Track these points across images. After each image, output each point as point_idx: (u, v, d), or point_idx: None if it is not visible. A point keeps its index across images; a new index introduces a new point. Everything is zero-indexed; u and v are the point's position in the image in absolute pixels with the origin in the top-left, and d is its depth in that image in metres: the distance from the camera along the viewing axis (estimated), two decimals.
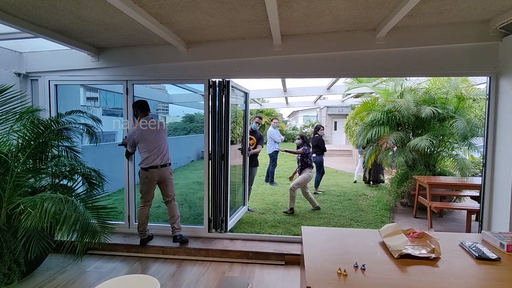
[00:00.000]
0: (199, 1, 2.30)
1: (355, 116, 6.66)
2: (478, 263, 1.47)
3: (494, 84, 3.00)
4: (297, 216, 4.74)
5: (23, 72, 3.66)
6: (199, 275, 2.92)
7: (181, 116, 18.77)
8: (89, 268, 3.05)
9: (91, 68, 3.58)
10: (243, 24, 2.82)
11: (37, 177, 2.89)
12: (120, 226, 3.69)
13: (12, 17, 2.57)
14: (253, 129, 5.03)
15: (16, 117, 2.81)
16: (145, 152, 3.25)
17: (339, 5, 2.43)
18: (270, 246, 3.37)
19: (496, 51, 2.95)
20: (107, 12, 2.49)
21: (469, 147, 4.82)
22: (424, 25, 2.94)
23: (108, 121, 12.00)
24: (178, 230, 3.39)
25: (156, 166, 3.26)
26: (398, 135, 5.19)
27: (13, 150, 2.71)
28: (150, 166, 3.24)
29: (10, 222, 2.54)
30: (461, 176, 4.63)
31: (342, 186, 7.23)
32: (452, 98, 5.14)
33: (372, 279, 1.31)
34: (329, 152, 6.50)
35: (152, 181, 3.30)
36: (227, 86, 3.44)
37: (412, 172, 5.14)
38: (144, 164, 3.25)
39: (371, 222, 4.55)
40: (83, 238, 2.54)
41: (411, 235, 1.71)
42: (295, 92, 7.43)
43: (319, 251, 1.58)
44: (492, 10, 2.61)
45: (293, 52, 3.21)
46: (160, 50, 3.42)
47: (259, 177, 7.48)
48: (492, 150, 3.02)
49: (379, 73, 3.33)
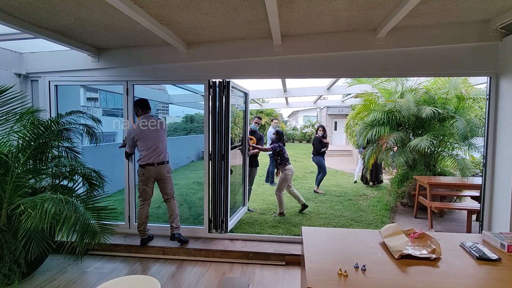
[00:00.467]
0: (199, 1, 2.30)
1: (356, 116, 6.67)
2: (478, 263, 1.47)
3: (494, 84, 3.00)
4: (297, 216, 4.74)
5: (23, 73, 3.67)
6: (200, 276, 2.92)
7: (181, 117, 18.77)
8: (89, 268, 3.05)
9: (91, 69, 3.58)
10: (243, 25, 2.82)
11: (37, 178, 2.89)
12: (120, 226, 3.69)
13: (13, 18, 2.57)
14: (253, 129, 5.02)
15: (17, 118, 2.81)
16: (143, 150, 3.27)
17: (339, 6, 2.43)
18: (270, 246, 3.37)
19: (496, 51, 2.95)
20: (107, 12, 2.49)
21: (470, 147, 4.82)
22: (424, 25, 2.94)
23: (108, 121, 12.01)
24: (176, 229, 3.39)
25: (152, 164, 3.28)
26: (398, 135, 5.19)
27: (14, 150, 2.71)
28: (147, 163, 3.27)
29: (10, 222, 2.54)
30: (461, 176, 4.63)
31: (342, 186, 7.23)
32: (452, 98, 5.14)
33: (373, 279, 1.31)
34: (329, 152, 6.48)
35: (149, 178, 3.31)
36: (227, 86, 3.44)
37: (413, 172, 5.14)
38: (142, 161, 3.28)
39: (372, 222, 4.54)
40: (84, 238, 2.54)
41: (411, 236, 1.71)
42: (295, 92, 7.44)
43: (319, 252, 1.58)
44: (492, 10, 2.61)
45: (293, 52, 3.21)
46: (160, 50, 3.42)
47: (259, 177, 7.48)
48: (492, 150, 3.02)
49: (379, 73, 3.33)
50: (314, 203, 5.58)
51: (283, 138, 4.96)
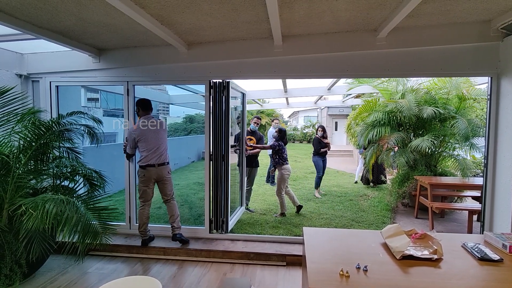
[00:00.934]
0: (200, 2, 2.30)
1: (357, 117, 6.66)
2: (480, 264, 1.46)
3: (495, 85, 2.99)
4: (298, 216, 4.73)
5: (25, 73, 3.67)
6: (201, 276, 2.92)
7: (182, 117, 18.78)
8: (90, 269, 3.05)
9: (92, 69, 3.59)
10: (243, 25, 2.82)
11: (38, 178, 2.89)
12: (121, 227, 3.69)
13: (14, 19, 2.57)
14: (252, 130, 5.01)
15: (18, 119, 2.81)
16: (144, 151, 3.27)
17: (340, 6, 2.43)
18: (271, 247, 3.36)
19: (497, 51, 2.95)
20: (108, 13, 2.49)
21: (471, 147, 4.81)
22: (425, 26, 2.94)
23: (109, 122, 12.02)
24: (177, 229, 3.39)
25: (153, 165, 3.28)
26: (399, 135, 5.18)
27: (15, 151, 2.71)
28: (147, 164, 3.27)
29: (11, 223, 2.55)
30: (462, 176, 4.62)
31: (343, 187, 7.22)
32: (453, 98, 5.14)
33: (375, 280, 1.31)
34: (329, 152, 6.44)
35: (150, 179, 3.31)
36: (227, 86, 3.44)
37: (413, 173, 5.13)
38: (142, 162, 3.28)
39: (372, 222, 4.54)
40: (85, 239, 2.54)
41: (413, 236, 1.71)
42: (296, 93, 7.42)
43: (321, 252, 1.58)
44: (493, 10, 2.61)
45: (294, 52, 3.21)
46: (161, 51, 3.42)
47: (259, 177, 7.48)
48: (493, 150, 3.01)
49: (380, 74, 3.33)
50: (315, 204, 5.58)
51: (286, 137, 4.94)
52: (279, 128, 4.95)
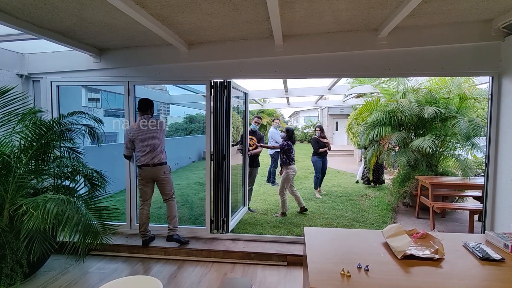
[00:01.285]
0: (201, 1, 2.30)
1: (357, 117, 6.65)
2: (482, 263, 1.46)
3: (497, 84, 2.98)
4: (298, 216, 4.73)
5: (25, 73, 3.68)
6: (201, 276, 2.92)
7: (182, 117, 18.77)
8: (91, 269, 3.06)
9: (92, 69, 3.59)
10: (244, 25, 2.82)
11: (39, 178, 2.90)
12: (122, 227, 3.70)
13: (14, 19, 2.58)
14: (253, 130, 5.01)
15: (19, 118, 2.82)
16: (140, 151, 3.29)
17: (341, 6, 2.43)
18: (272, 246, 3.36)
19: (498, 50, 2.94)
20: (109, 13, 2.49)
21: (472, 147, 4.80)
22: (425, 25, 2.93)
23: (109, 122, 12.03)
24: (173, 230, 3.37)
25: (148, 165, 3.28)
26: (400, 135, 5.17)
27: (16, 151, 2.72)
28: (143, 164, 3.28)
29: (12, 223, 2.55)
30: (463, 176, 4.61)
31: (343, 187, 7.22)
32: (454, 97, 5.13)
33: (376, 280, 1.31)
34: (330, 152, 6.43)
35: (146, 179, 3.32)
36: (228, 86, 3.44)
37: (414, 172, 5.12)
38: (138, 162, 3.30)
39: (373, 222, 4.54)
40: (85, 239, 2.54)
41: (414, 236, 1.70)
42: (297, 93, 7.41)
43: (322, 252, 1.58)
44: (494, 9, 2.61)
45: (295, 52, 3.20)
46: (161, 51, 3.42)
47: (260, 177, 7.48)
48: (494, 150, 3.01)
49: (380, 73, 3.32)
50: (316, 203, 5.57)
51: (294, 136, 4.94)
52: (287, 128, 4.93)
